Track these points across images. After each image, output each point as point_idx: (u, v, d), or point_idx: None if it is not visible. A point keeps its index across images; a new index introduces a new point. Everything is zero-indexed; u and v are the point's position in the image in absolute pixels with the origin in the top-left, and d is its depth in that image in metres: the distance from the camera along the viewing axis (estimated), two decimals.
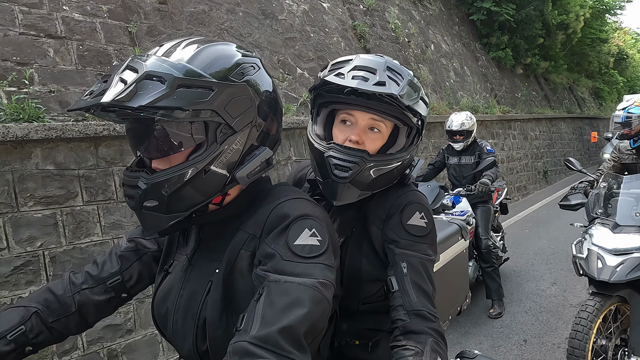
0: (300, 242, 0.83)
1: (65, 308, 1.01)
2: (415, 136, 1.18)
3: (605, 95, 21.36)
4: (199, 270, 0.95)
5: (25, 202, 2.74)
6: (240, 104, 0.87)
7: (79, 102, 0.80)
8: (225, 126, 0.86)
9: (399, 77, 1.08)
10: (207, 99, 0.81)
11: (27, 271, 2.71)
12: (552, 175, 12.65)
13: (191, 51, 0.85)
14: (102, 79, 0.81)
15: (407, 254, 1.08)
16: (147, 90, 0.76)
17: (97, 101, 0.75)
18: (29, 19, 3.30)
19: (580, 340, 2.38)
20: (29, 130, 2.73)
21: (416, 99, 1.10)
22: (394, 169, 1.13)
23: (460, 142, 4.25)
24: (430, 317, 1.01)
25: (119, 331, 3.06)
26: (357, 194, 1.12)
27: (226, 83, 0.84)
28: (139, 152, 0.91)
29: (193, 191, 0.86)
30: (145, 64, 0.79)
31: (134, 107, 0.75)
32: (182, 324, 0.93)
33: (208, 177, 0.86)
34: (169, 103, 0.76)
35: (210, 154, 0.85)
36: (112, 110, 0.78)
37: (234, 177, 0.90)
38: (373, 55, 1.13)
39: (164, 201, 0.84)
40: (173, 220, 0.87)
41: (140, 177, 0.84)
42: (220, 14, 5.06)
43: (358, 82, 1.03)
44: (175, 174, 0.83)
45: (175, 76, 0.78)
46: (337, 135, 1.15)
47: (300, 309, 0.75)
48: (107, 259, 1.08)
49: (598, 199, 2.94)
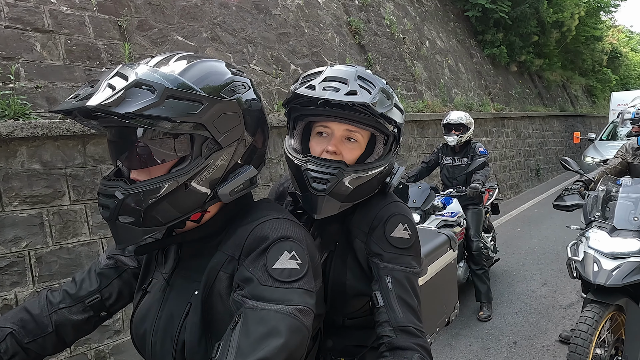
0: (279, 265, 0.81)
1: (42, 328, 0.98)
2: (392, 144, 1.17)
3: (598, 93, 21.49)
4: (178, 291, 0.92)
5: (10, 202, 2.69)
6: (228, 121, 0.85)
7: (63, 104, 0.77)
8: (212, 141, 0.84)
9: (371, 85, 1.07)
10: (196, 112, 0.79)
11: (12, 272, 2.66)
12: (545, 173, 12.72)
13: (183, 64, 0.84)
14: (89, 84, 0.79)
15: (392, 267, 1.07)
16: (135, 97, 0.74)
17: (83, 104, 0.73)
18: (15, 12, 3.22)
19: (580, 354, 2.36)
20: (14, 128, 2.67)
21: (389, 106, 1.09)
22: (373, 178, 1.13)
23: (455, 137, 4.20)
24: (416, 332, 1.00)
25: (107, 332, 3.02)
26: (337, 205, 1.11)
27: (216, 98, 0.83)
28: (119, 162, 0.88)
29: (171, 205, 0.83)
30: (135, 72, 0.77)
31: (121, 114, 0.73)
32: (160, 347, 0.90)
33: (189, 191, 0.84)
34: (157, 113, 0.75)
35: (193, 168, 0.83)
36: (97, 115, 0.76)
37: (215, 193, 0.88)
38: (344, 66, 1.12)
39: (140, 214, 0.81)
40: (148, 234, 0.84)
41: (117, 186, 0.81)
42: (212, 8, 4.99)
43: (329, 92, 1.02)
44: (154, 185, 0.80)
45: (166, 86, 0.76)
46: (314, 147, 1.14)
47: (277, 339, 0.73)
48: (85, 277, 1.04)
49: (596, 202, 2.91)
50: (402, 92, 7.56)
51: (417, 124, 7.25)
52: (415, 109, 7.44)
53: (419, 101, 7.85)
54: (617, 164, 3.40)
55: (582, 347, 2.37)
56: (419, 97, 8.09)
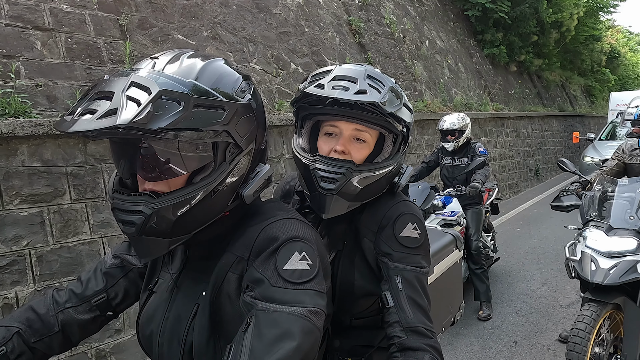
0: (289, 266, 0.80)
1: (49, 328, 0.97)
2: (401, 143, 1.17)
3: (597, 93, 21.53)
4: (185, 292, 0.91)
5: (10, 200, 2.68)
6: (247, 123, 0.85)
7: (81, 124, 0.69)
8: (234, 145, 0.83)
9: (380, 84, 1.06)
10: (222, 119, 0.78)
11: (13, 271, 2.65)
12: (544, 173, 12.74)
13: (195, 68, 0.80)
14: (95, 94, 0.72)
15: (402, 268, 1.06)
16: (164, 111, 0.71)
17: (112, 124, 0.67)
18: (16, 10, 3.21)
19: (579, 352, 2.37)
20: (14, 126, 2.66)
21: (399, 106, 1.09)
22: (381, 178, 1.12)
23: (451, 142, 4.23)
24: (427, 333, 0.99)
25: (108, 331, 3.01)
26: (345, 205, 1.10)
27: (235, 102, 0.82)
28: (132, 172, 0.83)
29: (200, 214, 0.82)
30: (155, 82, 0.72)
31: (154, 129, 0.69)
32: (167, 349, 0.89)
33: (216, 197, 0.83)
34: (187, 125, 0.73)
35: (220, 175, 0.82)
36: (127, 133, 0.69)
37: (237, 195, 0.88)
38: (353, 65, 1.11)
39: (169, 226, 0.79)
40: (174, 244, 0.83)
41: (143, 201, 0.77)
42: (213, 7, 4.97)
43: (339, 92, 1.01)
44: (185, 197, 0.78)
45: (191, 96, 0.74)
46: (322, 147, 1.13)
47: (291, 342, 0.72)
48: (91, 276, 1.04)
49: (593, 202, 2.93)
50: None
51: (416, 123, 7.25)
52: (415, 109, 7.43)
53: (419, 101, 7.85)
54: (613, 166, 3.42)
55: (580, 346, 2.38)
56: (419, 96, 8.09)
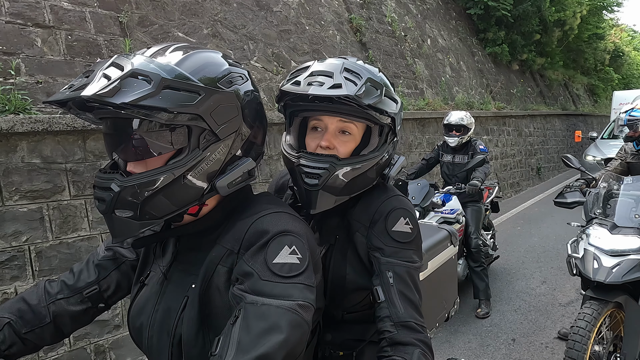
0: (279, 260, 0.80)
1: (40, 318, 0.98)
2: (388, 134, 1.15)
3: (600, 92, 21.42)
4: (175, 285, 0.92)
5: (10, 196, 2.69)
6: (226, 112, 0.84)
7: (57, 94, 0.76)
8: (210, 133, 0.83)
9: (357, 77, 1.05)
10: (194, 103, 0.78)
11: (12, 266, 2.66)
12: (546, 172, 12.71)
13: (179, 55, 0.82)
14: (83, 74, 0.78)
15: (393, 262, 1.07)
16: (131, 88, 0.73)
17: (77, 94, 0.72)
18: (16, 7, 3.22)
19: (578, 350, 2.36)
20: (14, 123, 2.67)
21: (378, 97, 1.06)
22: (369, 170, 1.11)
23: (455, 138, 4.21)
24: (417, 328, 1.00)
25: (107, 327, 3.03)
26: (332, 199, 1.10)
27: (214, 89, 0.82)
28: (115, 155, 0.87)
29: (168, 198, 0.82)
30: (131, 62, 0.76)
31: (116, 104, 0.71)
32: (157, 341, 0.90)
33: (186, 184, 0.83)
34: (154, 103, 0.74)
35: (191, 160, 0.82)
36: (92, 106, 0.75)
37: (213, 186, 0.87)
38: (333, 59, 1.11)
39: (137, 207, 0.80)
40: (144, 227, 0.83)
41: (113, 179, 0.79)
42: (213, 4, 4.98)
43: (313, 87, 1.01)
44: (150, 178, 0.79)
45: (163, 76, 0.75)
46: (309, 142, 1.14)
47: (278, 335, 0.72)
48: (83, 268, 1.04)
49: (597, 199, 2.89)
50: (403, 90, 7.54)
51: (417, 121, 7.24)
52: (416, 107, 7.43)
53: (420, 99, 7.84)
54: (617, 165, 3.41)
55: (580, 344, 2.37)
56: (420, 95, 8.08)
